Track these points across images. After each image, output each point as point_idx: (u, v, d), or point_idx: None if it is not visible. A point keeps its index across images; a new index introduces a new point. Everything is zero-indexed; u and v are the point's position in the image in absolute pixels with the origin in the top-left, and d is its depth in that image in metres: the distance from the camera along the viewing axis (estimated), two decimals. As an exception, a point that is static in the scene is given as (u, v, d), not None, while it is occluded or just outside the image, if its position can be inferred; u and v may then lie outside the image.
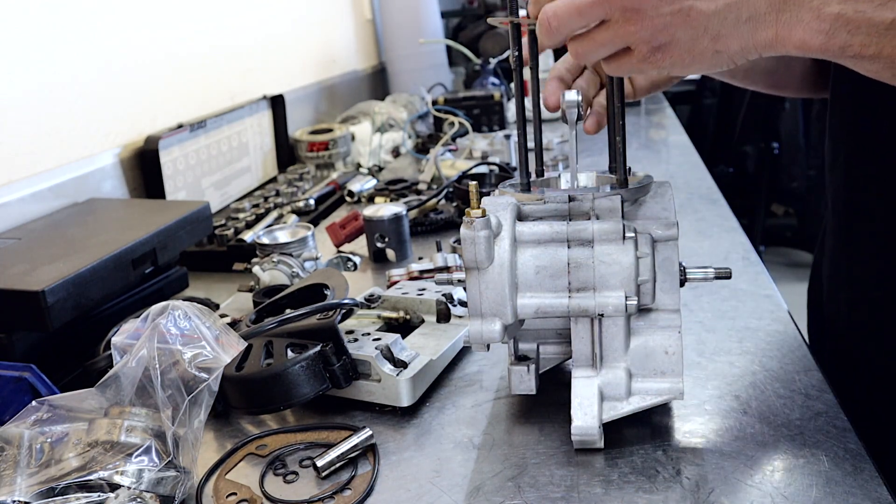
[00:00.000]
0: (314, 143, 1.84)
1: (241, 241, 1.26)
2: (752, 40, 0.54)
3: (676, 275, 0.65)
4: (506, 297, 0.63)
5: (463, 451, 0.67)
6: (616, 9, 0.56)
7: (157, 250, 0.99)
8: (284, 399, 0.71)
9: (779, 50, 0.54)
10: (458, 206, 1.32)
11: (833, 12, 0.51)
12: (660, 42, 0.56)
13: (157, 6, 1.46)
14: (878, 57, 0.52)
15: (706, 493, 0.58)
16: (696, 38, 0.55)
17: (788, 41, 0.53)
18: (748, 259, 1.03)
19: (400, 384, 0.73)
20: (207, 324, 0.65)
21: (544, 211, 0.67)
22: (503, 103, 2.01)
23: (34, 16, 1.15)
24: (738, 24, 0.54)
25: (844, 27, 0.51)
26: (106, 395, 0.64)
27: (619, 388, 0.65)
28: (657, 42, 0.56)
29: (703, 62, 0.56)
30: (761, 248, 3.62)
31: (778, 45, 0.54)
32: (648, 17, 0.55)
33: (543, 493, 0.60)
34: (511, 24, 0.67)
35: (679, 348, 0.65)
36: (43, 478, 0.59)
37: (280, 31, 2.00)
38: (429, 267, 1.00)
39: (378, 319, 0.87)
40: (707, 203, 1.29)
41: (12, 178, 1.09)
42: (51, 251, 0.93)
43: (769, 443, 0.63)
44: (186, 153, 1.42)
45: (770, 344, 0.79)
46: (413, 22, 2.53)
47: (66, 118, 1.21)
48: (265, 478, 0.66)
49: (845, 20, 0.51)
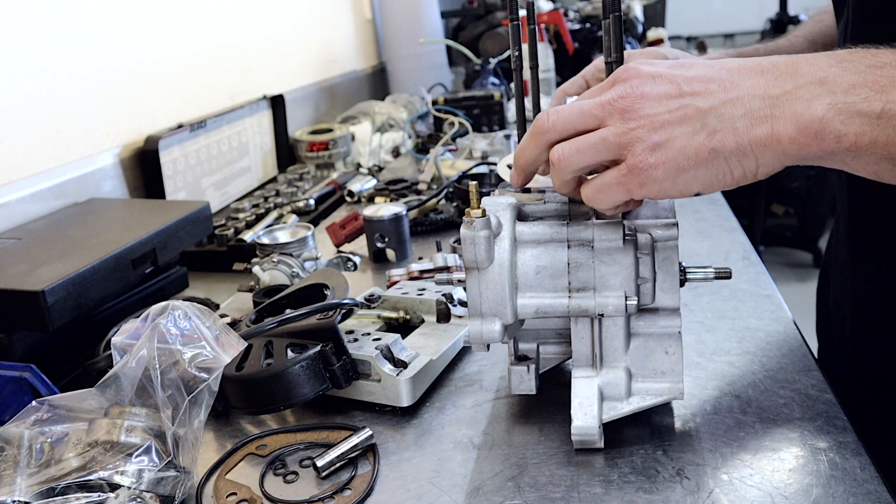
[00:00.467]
0: (314, 143, 1.84)
1: (241, 241, 1.26)
2: (747, 136, 0.54)
3: (676, 275, 0.65)
4: (506, 297, 0.63)
5: (463, 451, 0.67)
6: (616, 110, 0.57)
7: (157, 250, 0.99)
8: (284, 399, 0.71)
9: (774, 148, 0.54)
10: (458, 206, 1.32)
11: (824, 103, 0.52)
12: (656, 140, 0.55)
13: (157, 6, 1.46)
14: (873, 147, 0.52)
15: (706, 493, 0.58)
16: (692, 135, 0.55)
17: (784, 136, 0.53)
18: (748, 259, 1.03)
19: (400, 384, 0.73)
20: (207, 324, 0.65)
21: (544, 211, 0.67)
22: (503, 103, 2.01)
23: (34, 16, 1.15)
24: (734, 119, 0.54)
25: (837, 116, 0.52)
26: (106, 395, 0.64)
27: (619, 388, 0.65)
28: (654, 140, 0.55)
29: (698, 164, 0.55)
30: (761, 248, 3.62)
31: (773, 142, 0.54)
32: (646, 115, 0.56)
33: (543, 493, 0.60)
34: (511, 24, 0.67)
35: (679, 348, 0.65)
36: (43, 478, 0.59)
37: (280, 31, 2.00)
38: (429, 267, 1.00)
39: (378, 319, 0.87)
40: (707, 203, 1.29)
41: (12, 178, 1.09)
42: (51, 251, 0.93)
43: (769, 443, 0.63)
44: (186, 153, 1.42)
45: (770, 344, 0.79)
46: (413, 22, 2.53)
47: (66, 118, 1.21)
48: (265, 478, 0.66)
49: (837, 110, 0.52)
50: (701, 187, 0.57)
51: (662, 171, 0.55)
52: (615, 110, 0.57)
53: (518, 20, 0.68)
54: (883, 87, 0.52)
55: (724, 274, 0.68)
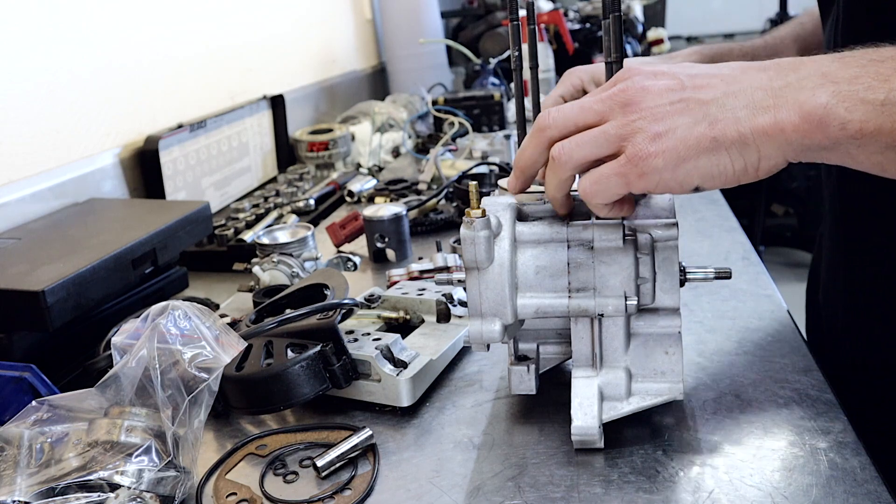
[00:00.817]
0: (314, 143, 1.84)
1: (241, 241, 1.26)
2: (749, 125, 0.54)
3: (676, 275, 0.65)
4: (506, 298, 0.63)
5: (463, 451, 0.67)
6: (616, 104, 0.57)
7: (157, 250, 0.99)
8: (284, 399, 0.71)
9: (777, 138, 0.53)
10: (458, 206, 1.32)
11: (828, 91, 0.52)
12: (657, 130, 0.55)
13: (157, 6, 1.46)
14: (878, 135, 0.52)
15: (706, 493, 0.58)
16: (694, 125, 0.54)
17: (787, 124, 0.53)
18: (748, 259, 1.03)
19: (400, 384, 0.73)
20: (207, 324, 0.65)
21: (544, 211, 0.67)
22: (503, 103, 2.01)
23: (34, 16, 1.15)
24: (737, 109, 0.54)
25: (841, 104, 0.52)
26: (106, 395, 0.64)
27: (619, 388, 0.65)
28: (654, 130, 0.55)
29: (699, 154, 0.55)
30: (761, 248, 3.62)
31: (776, 131, 0.53)
32: (647, 107, 0.56)
33: (543, 493, 0.60)
34: (511, 24, 0.67)
35: (679, 348, 0.65)
36: (43, 478, 0.59)
37: (280, 31, 2.00)
38: (429, 267, 1.00)
39: (378, 319, 0.87)
40: (707, 203, 1.29)
41: (12, 178, 1.10)
42: (51, 251, 0.93)
43: (769, 443, 0.63)
44: (186, 153, 1.42)
45: (770, 344, 0.79)
46: (413, 22, 2.53)
47: (66, 118, 1.21)
48: (265, 478, 0.66)
49: (840, 97, 0.52)
50: (701, 180, 0.56)
51: (662, 161, 0.55)
52: (616, 104, 0.57)
53: (518, 20, 0.68)
54: (886, 78, 0.52)
55: (724, 274, 0.68)
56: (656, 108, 0.55)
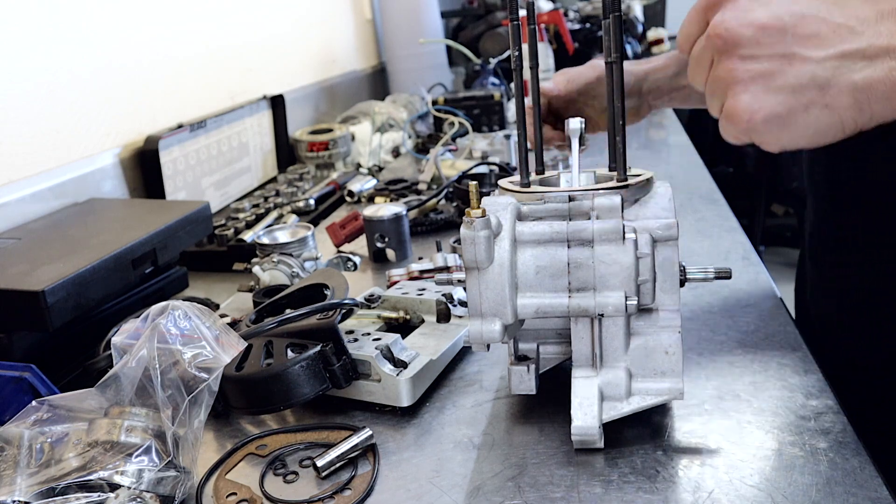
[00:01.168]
0: (314, 143, 1.84)
1: (241, 241, 1.26)
2: (864, 84, 0.48)
3: (676, 275, 0.65)
4: (506, 297, 0.63)
5: (463, 451, 0.67)
6: (712, 37, 0.53)
7: (157, 250, 0.99)
8: (284, 399, 0.71)
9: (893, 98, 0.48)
10: (458, 206, 1.32)
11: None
12: (755, 91, 0.51)
13: (157, 6, 1.46)
14: None
15: (706, 493, 0.58)
16: (801, 90, 0.50)
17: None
18: (748, 259, 1.03)
19: (400, 384, 0.73)
20: (207, 324, 0.65)
21: (544, 211, 0.67)
22: (503, 103, 2.01)
23: (34, 16, 1.15)
24: (853, 73, 0.49)
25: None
26: (106, 395, 0.64)
27: (619, 388, 0.65)
28: (752, 91, 0.51)
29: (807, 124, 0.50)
30: (761, 248, 3.62)
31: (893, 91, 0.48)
32: (742, 56, 0.51)
33: (543, 493, 0.60)
34: (511, 24, 0.67)
35: (679, 348, 0.65)
36: (43, 478, 0.59)
37: (280, 31, 2.00)
38: (429, 267, 1.00)
39: (378, 319, 0.87)
40: (707, 203, 1.29)
41: (12, 178, 1.10)
42: (51, 251, 0.93)
43: (769, 443, 0.63)
44: (186, 153, 1.42)
45: (770, 344, 0.79)
46: (413, 22, 2.53)
47: (66, 118, 1.21)
48: (265, 478, 0.66)
49: None
50: (807, 142, 0.53)
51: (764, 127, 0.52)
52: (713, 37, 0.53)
53: (518, 20, 0.68)
54: None
55: (724, 274, 0.68)
56: (751, 62, 0.51)
